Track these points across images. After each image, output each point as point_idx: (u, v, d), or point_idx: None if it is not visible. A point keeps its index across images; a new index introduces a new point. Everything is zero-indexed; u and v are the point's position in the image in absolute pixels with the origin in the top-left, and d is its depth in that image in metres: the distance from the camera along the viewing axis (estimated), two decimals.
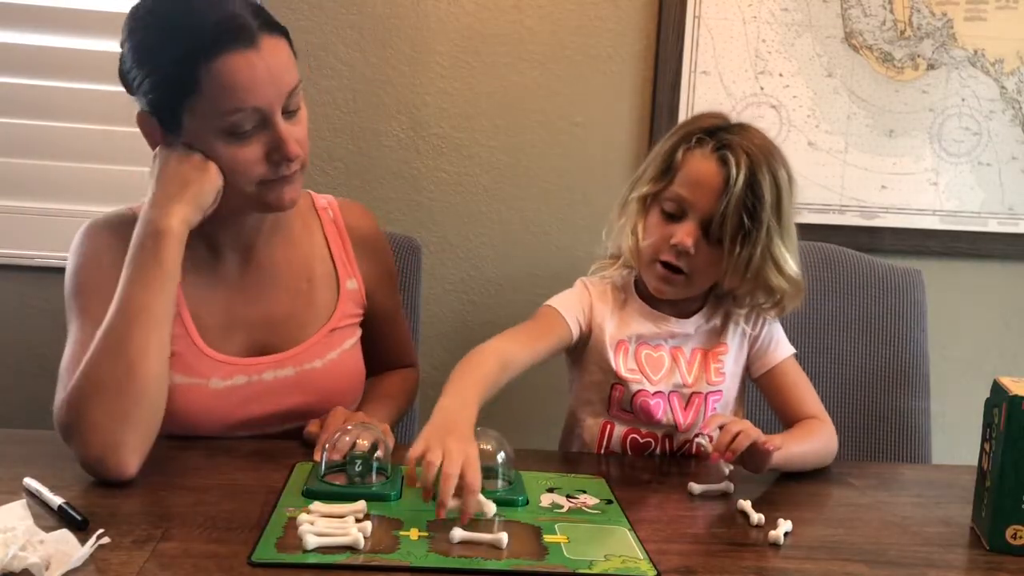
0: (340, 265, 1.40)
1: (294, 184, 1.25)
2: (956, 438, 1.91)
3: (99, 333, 1.13)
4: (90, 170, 1.86)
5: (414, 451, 1.02)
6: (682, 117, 1.90)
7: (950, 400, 1.95)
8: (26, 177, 1.85)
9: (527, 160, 1.93)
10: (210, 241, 1.29)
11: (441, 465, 0.99)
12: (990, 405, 1.08)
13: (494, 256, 1.95)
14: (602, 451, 1.37)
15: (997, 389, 1.07)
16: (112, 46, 1.82)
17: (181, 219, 1.18)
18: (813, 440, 1.31)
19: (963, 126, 1.97)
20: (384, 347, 1.48)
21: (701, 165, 1.27)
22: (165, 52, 1.18)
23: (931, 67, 1.95)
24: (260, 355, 1.32)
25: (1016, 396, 1.02)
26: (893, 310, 1.75)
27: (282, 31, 1.23)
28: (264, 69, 1.18)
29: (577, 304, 1.36)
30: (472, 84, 1.90)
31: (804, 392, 1.39)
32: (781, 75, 1.93)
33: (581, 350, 1.38)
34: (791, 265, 1.30)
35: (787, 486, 1.24)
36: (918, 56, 1.94)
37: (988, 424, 1.08)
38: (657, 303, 1.37)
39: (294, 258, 1.36)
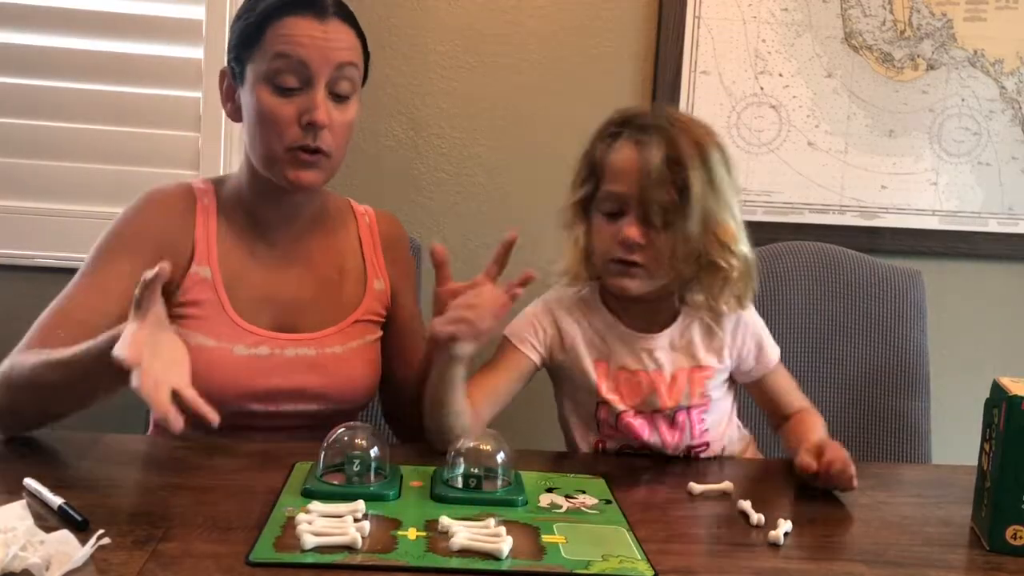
0: (370, 264, 1.44)
1: (312, 169, 1.30)
2: (956, 438, 1.91)
3: (54, 360, 1.13)
4: (90, 170, 1.86)
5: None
6: None
7: (950, 400, 1.95)
8: (26, 177, 1.85)
9: (527, 160, 1.93)
10: (254, 218, 1.36)
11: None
12: (989, 405, 1.08)
13: None
14: None
15: (996, 389, 1.07)
16: (111, 46, 1.85)
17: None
18: (822, 431, 1.34)
19: (963, 126, 1.97)
20: (400, 358, 1.46)
21: (620, 156, 1.27)
22: (247, 13, 1.30)
23: (931, 67, 1.95)
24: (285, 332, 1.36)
25: (1015, 396, 1.02)
26: (893, 310, 1.75)
27: (355, 25, 1.30)
28: (321, 35, 1.25)
29: (531, 329, 1.35)
30: (472, 84, 1.90)
31: (791, 391, 1.41)
32: (781, 75, 1.93)
33: (560, 371, 1.37)
34: (735, 238, 1.27)
35: (787, 486, 1.24)
36: (918, 56, 1.94)
37: (988, 424, 1.08)
38: (625, 317, 1.34)
39: (328, 248, 1.42)
